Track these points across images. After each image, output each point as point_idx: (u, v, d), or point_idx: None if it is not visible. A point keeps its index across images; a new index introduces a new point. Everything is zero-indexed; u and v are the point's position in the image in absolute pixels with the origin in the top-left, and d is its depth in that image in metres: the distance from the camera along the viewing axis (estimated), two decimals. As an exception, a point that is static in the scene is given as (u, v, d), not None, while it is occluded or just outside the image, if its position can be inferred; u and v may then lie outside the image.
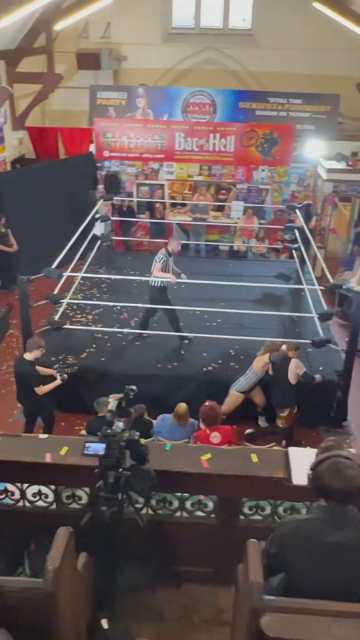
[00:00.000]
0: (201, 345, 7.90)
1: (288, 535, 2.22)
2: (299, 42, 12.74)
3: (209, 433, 5.99)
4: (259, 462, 2.93)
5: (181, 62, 13.68)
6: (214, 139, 11.34)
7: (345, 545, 2.10)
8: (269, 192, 12.06)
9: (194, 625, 3.03)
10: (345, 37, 12.07)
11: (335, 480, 2.11)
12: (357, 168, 11.21)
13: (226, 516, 3.02)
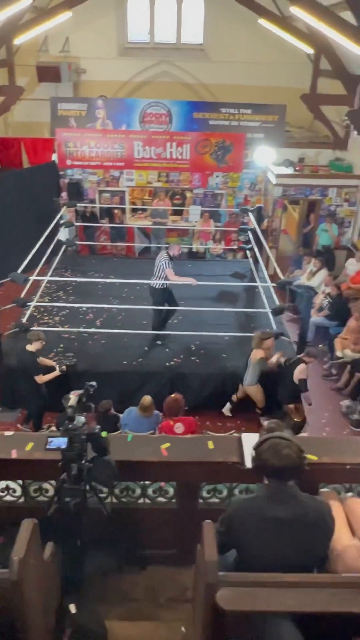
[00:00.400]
0: (164, 341, 7.92)
1: (235, 513, 2.26)
2: (247, 56, 12.88)
3: (173, 424, 6.01)
4: (214, 448, 2.95)
5: (138, 75, 13.64)
6: (171, 147, 11.36)
7: (285, 519, 2.14)
8: (224, 197, 12.18)
9: (160, 604, 3.04)
10: (290, 52, 12.26)
11: (274, 459, 2.15)
12: (303, 173, 11.39)
13: (186, 500, 3.03)
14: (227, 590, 2.01)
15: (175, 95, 12.63)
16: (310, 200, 11.62)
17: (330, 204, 11.41)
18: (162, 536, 3.12)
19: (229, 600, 1.97)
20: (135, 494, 3.04)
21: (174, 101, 11.87)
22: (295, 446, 2.21)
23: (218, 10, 12.84)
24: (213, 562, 2.01)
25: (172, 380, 7.36)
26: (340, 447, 3.02)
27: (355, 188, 11.26)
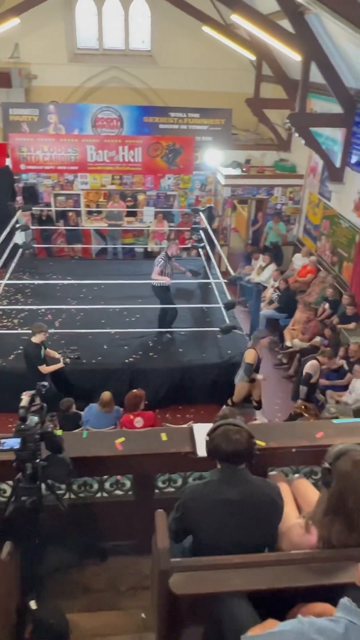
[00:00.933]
0: (122, 339, 7.87)
1: (189, 498, 2.27)
2: (194, 62, 12.91)
3: (133, 418, 5.99)
4: (168, 440, 2.95)
5: (88, 81, 13.45)
6: (123, 150, 11.27)
7: (237, 500, 2.17)
8: (176, 198, 12.21)
9: (120, 593, 3.02)
10: (234, 58, 12.39)
11: (225, 444, 2.18)
12: (250, 174, 11.53)
13: (142, 492, 3.02)
14: (179, 576, 2.00)
15: (125, 100, 12.53)
16: (257, 199, 11.79)
17: (277, 203, 11.61)
18: (121, 527, 3.10)
19: (181, 585, 1.97)
20: (93, 488, 3.01)
21: (125, 106, 11.78)
22: (245, 432, 2.25)
23: (163, 18, 12.81)
24: (165, 550, 2.01)
25: (131, 377, 7.33)
26: (287, 432, 3.08)
27: (299, 187, 11.49)
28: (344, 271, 9.42)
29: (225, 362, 7.61)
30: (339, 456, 1.95)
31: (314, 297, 9.43)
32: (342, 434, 2.98)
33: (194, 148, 11.55)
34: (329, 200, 10.07)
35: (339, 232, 9.63)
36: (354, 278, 8.56)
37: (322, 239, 10.44)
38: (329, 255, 10.08)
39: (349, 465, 1.88)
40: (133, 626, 2.73)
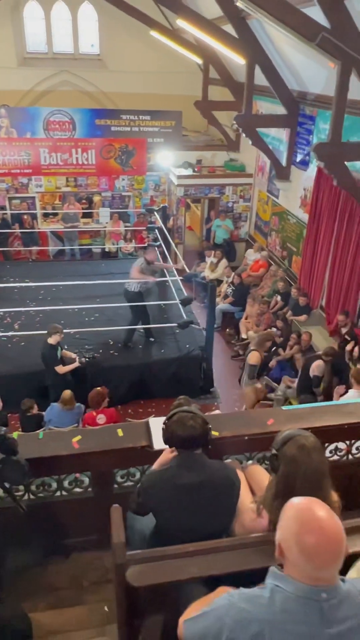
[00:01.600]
0: (83, 338, 7.75)
1: (149, 483, 2.28)
2: (143, 66, 12.80)
3: (95, 415, 5.92)
4: (124, 435, 2.91)
5: (39, 84, 13.11)
6: (76, 153, 11.11)
7: (195, 484, 2.18)
8: (131, 198, 12.12)
9: (84, 588, 2.97)
10: (182, 61, 12.35)
11: (180, 429, 2.21)
12: (202, 173, 11.57)
13: (101, 488, 2.97)
14: (136, 568, 1.98)
15: (77, 104, 12.31)
16: (210, 198, 11.84)
17: (228, 201, 11.70)
18: (82, 524, 3.05)
19: (137, 576, 1.95)
20: (52, 488, 2.94)
21: (76, 109, 11.58)
22: (200, 418, 2.27)
23: (111, 22, 12.63)
24: (121, 544, 1.98)
25: (92, 375, 7.23)
26: (239, 421, 3.10)
27: (249, 185, 11.62)
28: (293, 265, 9.60)
29: (184, 356, 7.64)
30: (285, 442, 1.97)
31: (267, 290, 9.57)
32: (291, 419, 3.03)
33: (146, 149, 11.50)
34: (277, 198, 10.23)
35: (288, 228, 9.80)
36: (303, 271, 8.73)
37: (272, 235, 10.60)
38: (279, 250, 10.26)
39: (295, 450, 1.91)
40: (96, 620, 2.69)
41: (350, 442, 3.18)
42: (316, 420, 3.03)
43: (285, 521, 1.36)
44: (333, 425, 3.02)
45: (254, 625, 1.30)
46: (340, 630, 1.26)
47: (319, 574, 1.28)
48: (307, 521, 1.30)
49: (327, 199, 7.77)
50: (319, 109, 8.13)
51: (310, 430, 2.98)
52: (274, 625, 1.29)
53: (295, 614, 1.28)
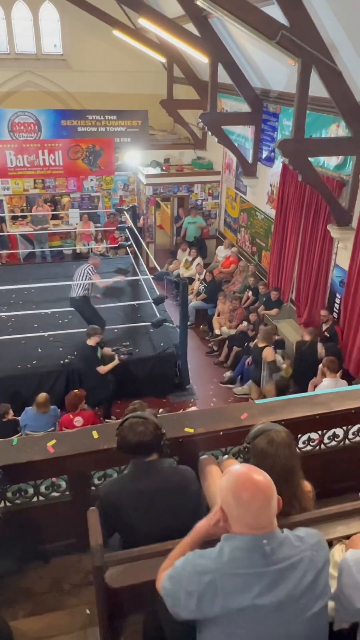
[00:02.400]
0: (57, 341, 7.65)
1: (104, 493, 2.26)
2: (107, 65, 12.69)
3: (72, 417, 5.86)
4: (99, 437, 2.89)
5: (2, 85, 12.86)
6: (43, 154, 10.95)
7: (149, 491, 2.17)
8: (100, 199, 12.02)
9: (65, 592, 2.93)
10: (146, 61, 12.30)
11: (130, 435, 2.19)
12: (170, 172, 11.55)
13: (79, 490, 2.94)
14: (114, 569, 1.98)
15: (42, 104, 12.13)
16: (179, 196, 11.84)
17: (197, 199, 11.72)
18: (61, 528, 3.01)
19: (116, 578, 1.95)
20: (28, 493, 2.89)
21: (41, 110, 11.41)
22: (151, 424, 2.24)
23: (73, 22, 12.47)
24: (98, 546, 1.96)
25: (68, 377, 7.16)
26: (214, 417, 3.10)
27: (217, 183, 11.66)
28: (263, 260, 9.68)
29: (159, 354, 7.62)
30: (256, 435, 2.00)
31: (238, 286, 9.63)
32: (265, 413, 3.05)
33: (113, 149, 11.42)
34: (244, 194, 10.29)
35: (256, 224, 9.88)
36: (272, 266, 8.82)
37: (241, 231, 10.67)
38: (248, 245, 10.33)
39: (264, 444, 1.93)
40: (78, 623, 2.67)
41: (322, 432, 3.23)
42: (288, 413, 3.06)
43: (224, 486, 1.53)
44: (305, 417, 3.06)
45: (206, 575, 1.48)
46: (281, 567, 1.46)
47: (257, 521, 1.47)
48: (242, 481, 1.50)
49: (292, 194, 7.87)
50: (282, 106, 8.21)
51: (282, 423, 3.04)
52: (223, 571, 1.46)
53: (241, 559, 1.46)
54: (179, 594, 1.52)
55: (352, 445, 3.30)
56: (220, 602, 1.45)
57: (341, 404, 3.15)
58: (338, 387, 4.83)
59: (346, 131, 6.23)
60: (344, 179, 6.62)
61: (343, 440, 3.28)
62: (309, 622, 1.49)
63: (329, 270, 7.30)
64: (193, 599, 1.48)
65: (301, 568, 1.48)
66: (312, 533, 1.60)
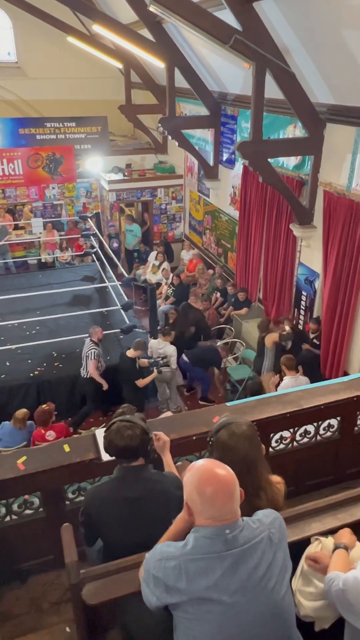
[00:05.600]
0: (25, 353, 7.50)
1: (90, 499, 2.23)
2: (64, 72, 12.58)
3: (44, 432, 5.76)
4: (71, 450, 2.84)
5: None
6: (2, 164, 10.73)
7: (136, 498, 2.15)
8: (63, 207, 11.88)
9: (44, 611, 2.87)
10: (102, 66, 12.26)
11: (117, 439, 2.18)
12: (132, 177, 11.52)
13: (53, 506, 2.89)
14: (91, 585, 1.95)
15: (-2, 113, 11.92)
16: (142, 201, 11.83)
17: (161, 203, 11.73)
18: (36, 546, 2.95)
19: (93, 594, 1.92)
20: (0, 513, 2.82)
21: (-3, 119, 11.19)
22: (139, 428, 2.24)
23: (27, 29, 12.30)
24: (73, 563, 1.93)
25: (38, 390, 7.03)
26: (186, 422, 3.10)
27: (180, 186, 11.71)
28: (229, 261, 9.77)
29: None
30: (218, 429, 2.04)
31: (205, 288, 9.68)
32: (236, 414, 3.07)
33: (74, 156, 11.30)
34: (208, 197, 10.36)
35: (221, 226, 9.96)
36: (238, 267, 8.90)
37: (206, 233, 10.74)
38: (214, 247, 10.40)
39: (226, 437, 1.96)
40: (58, 642, 2.62)
41: (293, 429, 3.27)
42: (259, 413, 3.09)
43: (188, 482, 1.59)
44: (276, 416, 3.10)
45: (171, 561, 1.57)
46: (241, 549, 1.54)
47: (220, 514, 1.53)
48: (205, 477, 1.55)
49: (254, 195, 7.97)
50: (239, 108, 8.31)
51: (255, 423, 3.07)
52: (187, 557, 1.54)
53: (204, 546, 1.54)
54: (149, 580, 1.61)
55: (323, 441, 3.36)
56: (183, 584, 1.52)
57: (311, 401, 3.20)
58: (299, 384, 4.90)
59: (303, 132, 6.35)
60: (304, 179, 6.75)
61: (314, 437, 3.33)
62: (274, 598, 1.56)
63: (294, 268, 7.41)
64: (160, 584, 1.57)
65: (260, 548, 1.56)
66: (268, 513, 1.69)
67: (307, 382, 5.65)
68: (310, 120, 6.11)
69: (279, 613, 1.57)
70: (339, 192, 6.00)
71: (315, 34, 5.26)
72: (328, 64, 5.46)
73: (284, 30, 5.53)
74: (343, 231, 5.93)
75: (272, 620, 1.55)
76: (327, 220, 6.25)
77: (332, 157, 6.15)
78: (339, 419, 3.35)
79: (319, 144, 6.26)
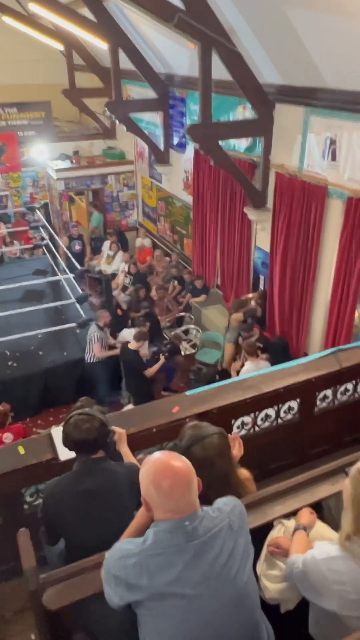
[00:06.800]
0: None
1: (49, 494, 2.21)
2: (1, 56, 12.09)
3: (1, 435, 5.61)
4: (26, 452, 2.78)
5: None
6: None
7: (95, 490, 2.14)
8: (9, 198, 11.52)
9: (7, 620, 2.81)
10: (43, 49, 11.87)
11: (75, 433, 2.18)
12: (81, 165, 11.29)
13: (10, 511, 2.82)
14: (52, 589, 1.91)
15: None
16: (93, 189, 11.62)
17: (112, 190, 11.57)
18: (-5, 554, 2.87)
19: (54, 599, 1.88)
20: None
21: None
22: (97, 421, 2.24)
23: None
24: (31, 569, 1.88)
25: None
26: (145, 414, 3.09)
27: (131, 173, 11.57)
28: (186, 248, 9.76)
29: (90, 355, 7.47)
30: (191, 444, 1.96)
31: (161, 275, 9.66)
32: (196, 404, 3.08)
33: (17, 144, 10.95)
34: (160, 183, 10.30)
35: (175, 212, 9.93)
36: (195, 253, 8.91)
37: (161, 220, 10.68)
38: (169, 234, 10.37)
39: (201, 454, 1.91)
40: (23, 651, 2.57)
41: (254, 414, 3.32)
42: (220, 400, 3.12)
43: (144, 476, 1.58)
44: (236, 402, 3.13)
45: (131, 558, 1.55)
46: (202, 541, 1.53)
47: (179, 507, 1.53)
48: (161, 470, 1.55)
49: (207, 179, 7.96)
50: (187, 90, 8.26)
51: (215, 411, 3.09)
52: (147, 553, 1.53)
53: (163, 540, 1.53)
54: (110, 580, 1.60)
55: (284, 424, 3.42)
56: (145, 581, 1.51)
57: (270, 385, 3.25)
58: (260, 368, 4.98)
59: (252, 113, 6.38)
60: (255, 161, 6.80)
61: (275, 420, 3.39)
62: (237, 586, 1.57)
63: (250, 252, 7.49)
64: (121, 583, 1.56)
65: (221, 537, 1.57)
66: (227, 501, 1.69)
67: (268, 366, 5.74)
68: (259, 101, 6.15)
69: (242, 600, 1.59)
70: (291, 173, 6.07)
71: (260, 14, 5.27)
72: (274, 44, 5.48)
73: (229, 9, 5.50)
74: (296, 213, 6.02)
75: (237, 607, 1.57)
76: (278, 203, 6.32)
77: (282, 138, 6.22)
78: (299, 401, 3.42)
79: (269, 125, 6.31)
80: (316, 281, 6.08)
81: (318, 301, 6.19)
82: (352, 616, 1.67)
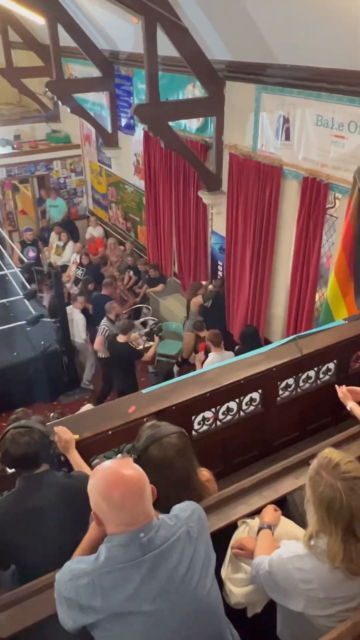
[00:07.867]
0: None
1: None
2: None
3: None
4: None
5: None
6: None
7: (42, 506, 2.08)
8: None
9: None
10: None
11: (13, 448, 2.09)
12: (23, 150, 10.94)
13: None
14: (3, 615, 1.83)
15: None
16: (38, 176, 11.30)
17: (59, 177, 11.28)
18: None
19: (5, 625, 1.80)
20: None
21: None
22: (37, 432, 2.16)
23: None
24: (-22, 596, 1.80)
25: None
26: (99, 417, 3.00)
27: (78, 157, 11.31)
28: (140, 235, 9.64)
29: (41, 354, 7.31)
30: (147, 446, 1.92)
31: (117, 266, 9.52)
32: (154, 402, 3.02)
33: None
34: (109, 167, 10.11)
35: (127, 198, 9.78)
36: (150, 241, 8.81)
37: (112, 207, 10.51)
38: (122, 222, 10.22)
39: (158, 454, 1.88)
40: None
41: (215, 408, 3.29)
42: (178, 396, 3.06)
43: (93, 488, 1.51)
44: (195, 397, 3.09)
45: (83, 578, 1.48)
46: (160, 551, 1.47)
47: (132, 518, 1.47)
48: (111, 480, 1.47)
49: (159, 162, 7.86)
50: (134, 68, 8.10)
51: (174, 407, 3.05)
52: (100, 571, 1.46)
53: (117, 556, 1.46)
54: (62, 602, 1.53)
55: (247, 416, 3.42)
56: (99, 602, 1.45)
57: (229, 377, 3.23)
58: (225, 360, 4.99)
59: (202, 91, 6.31)
60: (208, 142, 6.75)
61: (237, 413, 3.38)
62: (199, 595, 1.52)
63: (207, 238, 7.47)
64: (74, 605, 1.49)
65: (179, 545, 1.52)
66: (185, 507, 1.64)
67: (232, 356, 5.75)
68: (209, 78, 6.08)
69: (205, 610, 1.55)
70: (245, 154, 6.06)
71: (204, -16, 5.18)
72: (222, 18, 5.41)
73: (172, -20, 5.39)
74: (252, 195, 6.02)
75: (199, 619, 1.54)
76: (233, 185, 6.30)
77: (235, 118, 6.18)
78: (261, 392, 3.42)
79: (220, 103, 6.26)
80: (275, 265, 6.12)
81: (278, 285, 6.24)
82: (319, 615, 1.68)
